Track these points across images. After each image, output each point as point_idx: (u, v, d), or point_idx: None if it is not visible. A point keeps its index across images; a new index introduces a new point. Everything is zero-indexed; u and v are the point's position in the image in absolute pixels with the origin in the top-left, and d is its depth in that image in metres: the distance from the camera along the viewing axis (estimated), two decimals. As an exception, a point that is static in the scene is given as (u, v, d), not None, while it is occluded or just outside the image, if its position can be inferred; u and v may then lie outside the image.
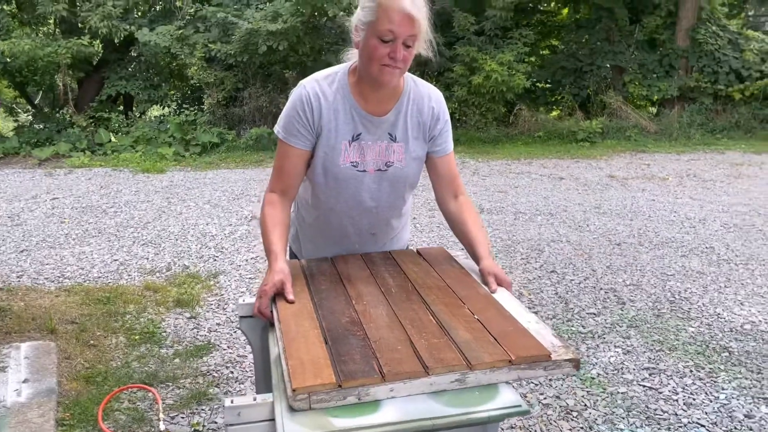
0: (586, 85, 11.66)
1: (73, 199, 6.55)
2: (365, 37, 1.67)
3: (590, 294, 3.92)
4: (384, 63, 1.64)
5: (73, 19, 10.00)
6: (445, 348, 1.33)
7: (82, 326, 3.53)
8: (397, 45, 1.62)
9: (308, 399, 1.21)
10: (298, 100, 1.76)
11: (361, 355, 1.31)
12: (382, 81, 1.68)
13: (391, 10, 1.59)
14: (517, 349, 1.33)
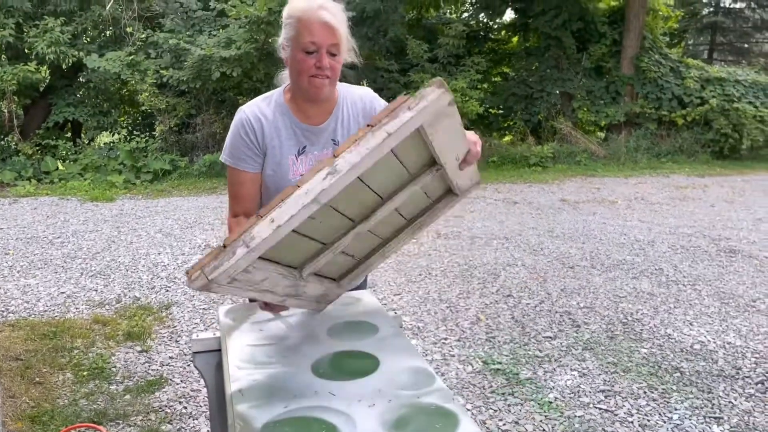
0: (537, 111, 11.96)
1: (17, 230, 6.32)
2: (291, 53, 1.72)
3: (546, 317, 3.97)
4: (312, 74, 1.69)
5: (19, 45, 9.76)
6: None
7: (27, 363, 3.38)
8: (321, 54, 1.68)
9: (202, 273, 1.18)
10: (240, 125, 1.80)
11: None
12: (313, 92, 1.72)
13: (309, 21, 1.65)
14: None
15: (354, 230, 1.54)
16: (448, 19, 13.18)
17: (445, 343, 3.59)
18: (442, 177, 1.57)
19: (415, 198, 1.61)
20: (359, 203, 1.47)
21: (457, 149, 1.50)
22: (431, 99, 1.22)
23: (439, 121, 1.33)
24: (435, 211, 1.72)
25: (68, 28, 9.68)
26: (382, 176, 1.44)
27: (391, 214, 1.61)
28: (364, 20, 10.59)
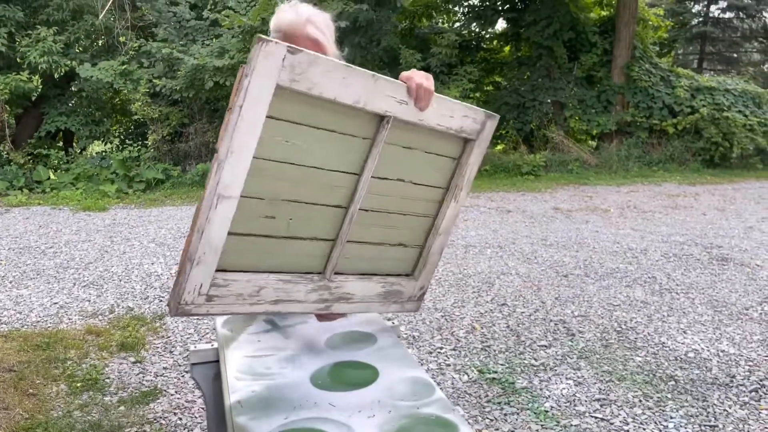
0: (529, 119, 12.02)
1: (9, 240, 6.28)
2: None
3: (541, 326, 3.98)
4: None
5: (11, 54, 9.74)
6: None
7: (20, 374, 3.35)
8: None
9: (172, 300, 1.28)
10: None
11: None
12: None
13: (297, 37, 1.65)
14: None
15: (348, 215, 1.51)
16: (441, 29, 13.25)
17: (440, 352, 3.59)
18: (409, 127, 1.49)
19: (412, 160, 1.56)
20: (328, 187, 1.45)
21: (384, 91, 1.40)
22: (257, 57, 1.20)
23: (308, 77, 1.29)
24: (463, 167, 1.64)
25: (61, 37, 9.67)
26: (326, 152, 1.41)
27: (398, 186, 1.57)
28: (357, 29, 10.63)
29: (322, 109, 1.35)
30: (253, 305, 1.43)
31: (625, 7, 11.74)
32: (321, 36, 1.67)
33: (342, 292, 1.58)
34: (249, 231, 1.38)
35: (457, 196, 1.67)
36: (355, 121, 1.42)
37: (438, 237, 1.71)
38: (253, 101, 1.22)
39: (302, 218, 1.45)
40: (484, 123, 1.60)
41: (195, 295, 1.32)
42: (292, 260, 1.49)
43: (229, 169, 1.24)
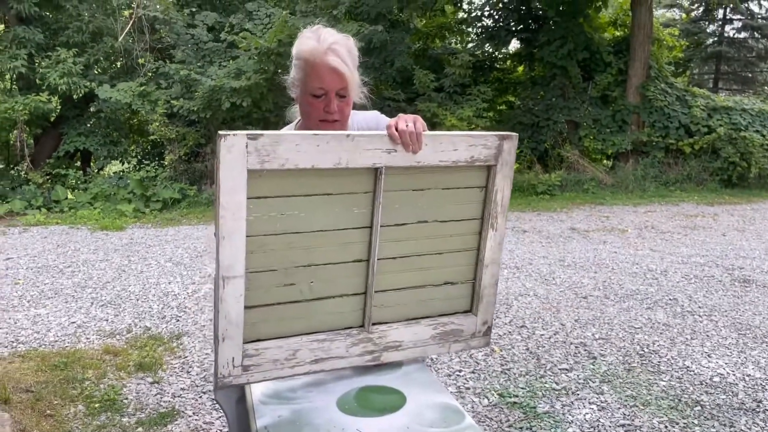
0: (543, 139, 12.00)
1: (27, 259, 6.33)
2: (300, 94, 1.72)
3: (561, 349, 3.92)
4: (321, 118, 1.68)
5: (31, 76, 9.89)
6: None
7: (38, 395, 3.35)
8: (329, 99, 1.66)
9: (214, 380, 1.39)
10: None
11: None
12: None
13: (318, 66, 1.63)
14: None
15: (369, 269, 1.53)
16: (454, 49, 13.31)
17: (459, 375, 3.54)
18: (411, 171, 1.50)
19: (430, 200, 1.55)
20: (341, 245, 1.48)
21: (364, 147, 1.43)
22: (220, 151, 1.30)
23: (278, 155, 1.35)
24: (491, 193, 1.60)
25: (81, 59, 9.81)
26: (328, 214, 1.45)
27: (422, 228, 1.56)
28: (371, 50, 10.70)
29: (308, 177, 1.40)
30: (294, 368, 1.48)
31: (639, 27, 11.74)
32: (342, 66, 1.63)
33: (388, 342, 1.58)
34: (270, 301, 1.44)
35: (494, 224, 1.63)
36: (348, 180, 1.45)
37: (486, 269, 1.67)
38: (228, 191, 1.31)
39: (323, 279, 1.48)
40: (499, 146, 1.57)
41: (230, 368, 1.41)
42: (324, 319, 1.51)
43: (225, 252, 1.33)
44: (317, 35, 1.67)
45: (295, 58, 1.69)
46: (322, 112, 1.67)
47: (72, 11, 10.36)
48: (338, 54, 1.63)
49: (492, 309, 1.70)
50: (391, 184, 1.49)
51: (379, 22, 10.70)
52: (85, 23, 10.13)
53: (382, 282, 1.56)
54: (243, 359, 1.43)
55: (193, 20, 10.33)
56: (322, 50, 1.63)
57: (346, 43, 1.69)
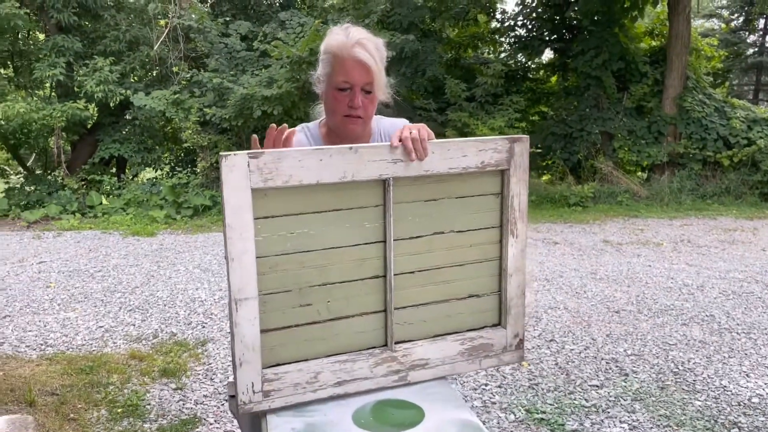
0: (576, 150, 11.80)
1: (60, 263, 6.43)
2: (325, 89, 1.70)
3: (591, 364, 3.80)
4: (345, 113, 1.67)
5: (69, 83, 10.11)
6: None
7: (62, 398, 3.37)
8: (355, 93, 1.65)
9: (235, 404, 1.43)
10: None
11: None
12: (347, 131, 1.71)
13: (344, 59, 1.62)
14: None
15: (388, 285, 1.49)
16: (486, 59, 13.22)
17: (485, 389, 3.45)
18: (422, 180, 1.47)
19: (444, 210, 1.52)
20: (356, 262, 1.46)
21: (368, 158, 1.42)
22: (223, 172, 1.30)
23: (281, 172, 1.34)
24: (507, 199, 1.55)
25: (117, 67, 10.00)
26: (339, 231, 1.43)
27: (439, 240, 1.52)
28: (402, 60, 10.69)
29: (315, 194, 1.40)
30: (317, 391, 1.44)
31: (677, 37, 11.50)
32: (369, 59, 1.62)
33: (413, 360, 1.53)
34: (287, 324, 1.42)
35: (514, 231, 1.57)
36: (356, 194, 1.44)
37: (511, 278, 1.61)
38: (234, 211, 1.31)
39: (341, 298, 1.46)
40: (510, 149, 1.54)
41: (250, 394, 1.39)
42: (345, 340, 1.48)
43: (236, 274, 1.33)
44: (346, 32, 1.67)
45: (323, 52, 1.69)
46: (346, 107, 1.66)
47: (110, 20, 10.58)
48: (366, 48, 1.63)
49: (522, 320, 1.63)
50: (402, 196, 1.47)
51: (411, 32, 10.67)
52: (122, 32, 10.32)
53: (402, 298, 1.52)
54: (263, 384, 1.40)
55: (227, 29, 10.45)
56: (350, 44, 1.63)
57: (374, 40, 1.68)
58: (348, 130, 1.71)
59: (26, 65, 10.66)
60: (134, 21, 10.61)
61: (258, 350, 1.38)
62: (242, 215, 1.33)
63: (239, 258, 1.34)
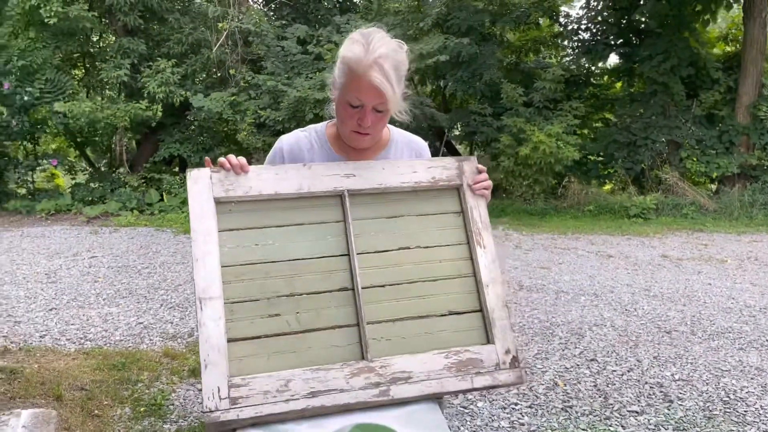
0: (640, 159, 11.33)
1: (110, 258, 6.60)
2: (338, 97, 1.64)
3: (634, 388, 3.56)
4: (354, 129, 1.62)
5: (133, 84, 10.45)
6: None
7: (90, 394, 3.40)
8: (365, 112, 1.58)
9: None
10: (273, 154, 1.79)
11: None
12: (353, 145, 1.70)
13: (360, 77, 1.54)
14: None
15: (357, 298, 1.48)
16: (547, 63, 12.87)
17: (514, 409, 3.28)
18: (381, 198, 1.57)
19: (408, 227, 1.57)
20: (323, 274, 1.49)
21: (321, 173, 1.55)
22: (188, 184, 1.49)
23: (241, 184, 1.51)
24: (467, 212, 1.61)
25: (179, 69, 10.26)
26: (303, 243, 1.50)
27: (406, 255, 1.55)
28: (459, 64, 10.53)
29: (277, 210, 1.51)
30: (289, 402, 1.39)
31: (752, 43, 10.89)
32: (384, 84, 1.53)
33: (394, 372, 1.45)
34: (256, 334, 1.43)
35: (480, 241, 1.58)
36: (317, 211, 1.54)
37: (488, 289, 1.56)
38: (198, 217, 1.44)
39: (310, 309, 1.47)
40: (459, 167, 1.65)
41: (216, 400, 1.36)
42: (319, 354, 1.45)
43: (199, 274, 1.41)
44: (366, 41, 1.56)
45: (340, 60, 1.61)
46: (355, 123, 1.61)
47: (174, 24, 10.87)
48: (383, 71, 1.53)
49: (511, 335, 1.55)
50: (362, 212, 1.55)
51: (470, 36, 10.50)
52: (185, 35, 10.59)
53: (375, 312, 1.49)
54: (230, 390, 1.36)
55: (284, 32, 10.56)
56: (366, 63, 1.53)
57: (393, 57, 1.57)
58: (354, 144, 1.70)
59: (94, 66, 11.09)
60: (197, 24, 10.87)
61: (224, 352, 1.37)
62: (205, 221, 1.44)
63: (203, 259, 1.41)
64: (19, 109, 9.81)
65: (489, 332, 1.54)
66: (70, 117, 9.73)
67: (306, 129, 1.80)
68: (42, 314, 4.79)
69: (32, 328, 4.49)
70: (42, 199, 9.74)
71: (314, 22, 11.76)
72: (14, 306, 4.95)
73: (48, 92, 9.91)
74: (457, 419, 3.16)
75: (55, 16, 9.18)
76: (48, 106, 9.88)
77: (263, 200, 1.51)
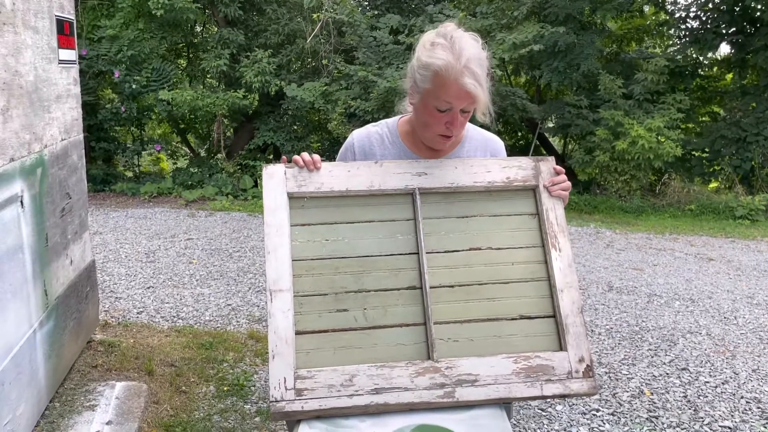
0: (750, 156, 10.56)
1: (205, 241, 6.90)
2: (420, 102, 1.60)
3: (728, 402, 3.34)
4: (441, 133, 1.60)
5: (232, 74, 10.83)
6: None
7: (179, 370, 3.58)
8: (455, 115, 1.56)
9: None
10: (345, 149, 1.79)
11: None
12: (437, 147, 1.69)
13: (450, 84, 1.51)
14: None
15: (425, 297, 1.48)
16: (651, 53, 12.22)
17: (595, 415, 3.16)
18: (453, 197, 1.56)
19: (481, 227, 1.55)
20: (392, 271, 1.50)
21: (393, 171, 1.56)
22: (264, 178, 1.55)
23: (313, 180, 1.53)
24: (543, 214, 1.57)
25: (275, 59, 10.53)
26: (373, 241, 1.51)
27: (476, 256, 1.53)
28: (555, 54, 10.19)
29: (347, 207, 1.54)
30: (353, 397, 1.40)
31: None
32: (476, 89, 1.51)
33: (459, 374, 1.44)
34: (323, 328, 1.46)
35: (555, 245, 1.54)
36: (387, 208, 1.56)
37: (562, 294, 1.52)
38: (271, 211, 1.50)
39: (378, 306, 1.49)
40: (536, 167, 1.61)
41: (282, 390, 1.39)
42: (384, 351, 1.46)
43: (271, 266, 1.46)
44: (452, 46, 1.52)
45: (423, 68, 1.55)
46: (443, 127, 1.59)
47: (271, 14, 11.16)
48: (475, 76, 1.51)
49: (585, 343, 1.49)
50: (432, 212, 1.55)
51: (568, 24, 10.13)
52: (281, 26, 10.85)
53: (443, 312, 1.47)
54: (295, 381, 1.39)
55: (377, 22, 10.60)
56: (458, 69, 1.50)
57: (479, 57, 1.54)
58: (437, 147, 1.69)
59: (197, 56, 11.58)
60: (294, 15, 11.10)
61: (291, 343, 1.40)
62: (278, 214, 1.49)
63: (275, 251, 1.47)
64: (128, 97, 10.41)
65: (562, 339, 1.49)
66: (174, 105, 10.22)
67: (378, 124, 1.80)
68: (140, 291, 5.09)
69: (131, 304, 4.78)
70: (146, 182, 10.32)
71: (407, 11, 11.72)
72: (116, 283, 5.28)
73: (154, 81, 10.46)
74: (534, 422, 3.09)
75: (161, 8, 9.65)
76: (154, 94, 10.42)
77: (334, 196, 1.53)
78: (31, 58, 2.72)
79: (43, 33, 2.90)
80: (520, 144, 13.07)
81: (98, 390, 3.15)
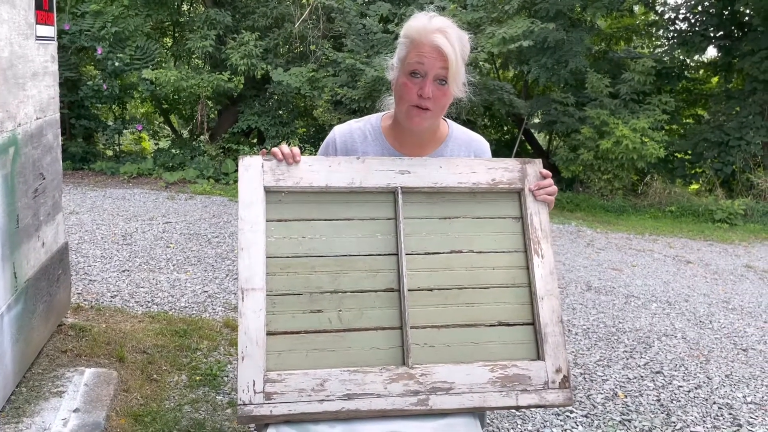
0: (731, 160, 10.67)
1: (183, 225, 6.81)
2: (397, 75, 1.61)
3: (700, 407, 3.37)
4: (414, 103, 1.57)
5: (218, 55, 10.67)
6: None
7: (151, 358, 3.52)
8: (426, 80, 1.54)
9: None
10: (326, 144, 1.76)
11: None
12: (411, 124, 1.61)
13: (422, 43, 1.53)
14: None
15: (402, 300, 1.43)
16: (639, 53, 12.26)
17: (569, 416, 3.16)
18: (435, 197, 1.51)
19: (463, 229, 1.51)
20: (370, 272, 1.45)
21: (375, 168, 1.50)
22: (240, 170, 1.51)
23: (292, 174, 1.47)
24: (527, 218, 1.53)
25: (261, 42, 10.39)
26: (352, 239, 1.46)
27: (457, 259, 1.49)
28: (544, 50, 10.17)
29: (327, 203, 1.48)
30: (323, 402, 1.36)
31: None
32: (448, 47, 1.51)
33: (434, 382, 1.40)
34: (296, 329, 1.41)
35: (538, 250, 1.50)
36: (367, 206, 1.50)
37: (542, 302, 1.48)
38: (246, 205, 1.43)
39: (354, 308, 1.44)
40: (522, 170, 1.57)
41: (251, 393, 1.34)
42: (358, 355, 1.42)
43: (244, 263, 1.39)
44: (428, 17, 1.59)
45: (403, 36, 1.61)
46: (415, 95, 1.56)
47: (260, -4, 11.01)
48: (447, 36, 1.53)
49: (563, 353, 1.46)
50: (415, 212, 1.50)
51: (558, 20, 10.11)
52: (270, 9, 10.69)
53: (421, 316, 1.43)
54: (265, 385, 1.35)
55: (367, 9, 10.49)
56: (431, 29, 1.54)
57: (458, 32, 1.58)
58: (413, 123, 1.61)
59: (183, 36, 11.39)
60: (283, -2, 10.95)
61: (262, 345, 1.35)
62: (253, 209, 1.43)
63: (248, 249, 1.40)
64: (111, 74, 10.22)
65: (540, 348, 1.46)
66: (157, 84, 10.05)
67: (361, 120, 1.77)
68: (115, 275, 5.00)
69: (105, 287, 4.70)
70: (126, 162, 10.17)
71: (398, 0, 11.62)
72: (90, 265, 5.19)
73: (138, 59, 10.27)
74: (508, 421, 3.08)
75: (147, -16, 9.49)
76: (137, 72, 10.24)
77: (313, 192, 1.48)
78: (6, 34, 2.63)
79: (20, 7, 2.80)
80: (505, 138, 13.07)
81: (67, 376, 3.08)
